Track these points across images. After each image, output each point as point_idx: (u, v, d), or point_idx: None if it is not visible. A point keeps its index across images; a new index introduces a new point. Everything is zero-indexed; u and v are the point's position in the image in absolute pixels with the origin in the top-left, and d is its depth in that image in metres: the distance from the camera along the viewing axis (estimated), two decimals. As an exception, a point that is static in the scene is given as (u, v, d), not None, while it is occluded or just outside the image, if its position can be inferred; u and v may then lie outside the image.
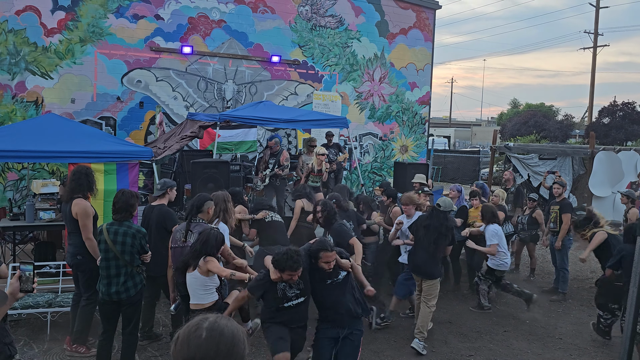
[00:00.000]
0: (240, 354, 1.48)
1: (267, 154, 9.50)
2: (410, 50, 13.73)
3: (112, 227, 4.62)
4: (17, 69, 9.93)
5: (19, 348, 5.26)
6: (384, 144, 13.67)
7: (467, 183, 19.15)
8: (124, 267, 4.58)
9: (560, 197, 8.17)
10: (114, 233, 4.58)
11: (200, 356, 1.44)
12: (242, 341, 1.51)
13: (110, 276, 4.59)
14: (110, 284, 4.59)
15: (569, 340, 6.34)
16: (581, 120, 39.07)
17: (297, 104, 12.40)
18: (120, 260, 4.57)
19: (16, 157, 7.14)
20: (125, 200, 4.64)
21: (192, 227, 4.63)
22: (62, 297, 6.09)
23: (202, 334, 1.47)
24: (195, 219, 4.70)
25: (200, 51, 11.36)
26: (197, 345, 1.45)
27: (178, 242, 4.64)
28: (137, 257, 4.64)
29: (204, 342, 1.45)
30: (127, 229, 4.60)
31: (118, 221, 4.64)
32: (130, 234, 4.58)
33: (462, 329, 6.58)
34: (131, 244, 4.57)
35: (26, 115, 9.93)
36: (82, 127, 8.05)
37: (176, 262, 4.63)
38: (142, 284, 4.73)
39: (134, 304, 4.68)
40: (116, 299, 4.61)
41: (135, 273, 4.65)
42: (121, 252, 4.56)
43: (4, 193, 9.85)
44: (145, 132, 11.00)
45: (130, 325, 4.74)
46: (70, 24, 10.25)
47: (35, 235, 8.20)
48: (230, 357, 1.46)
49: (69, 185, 5.32)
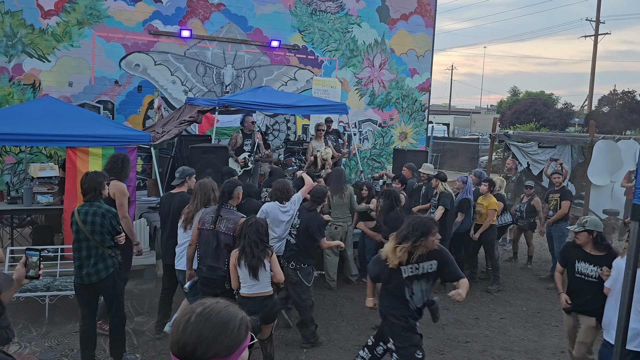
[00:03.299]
0: (226, 343, 1.41)
1: (238, 137, 8.84)
2: (411, 36, 13.62)
3: (82, 208, 4.54)
4: (14, 51, 9.82)
5: (17, 331, 5.28)
6: (383, 130, 13.62)
7: (465, 171, 19.14)
8: (95, 248, 4.51)
9: (560, 185, 8.21)
10: (84, 213, 4.50)
11: (184, 341, 1.41)
12: (234, 330, 1.44)
13: (81, 258, 4.53)
14: (82, 266, 4.53)
15: (565, 328, 6.36)
16: (581, 108, 39.01)
17: (297, 90, 12.32)
18: (90, 242, 4.50)
19: (13, 140, 7.11)
20: (91, 179, 4.57)
21: (223, 213, 4.63)
22: (60, 280, 6.10)
23: (192, 317, 1.44)
24: (226, 205, 4.70)
25: (199, 35, 11.25)
26: (183, 329, 1.42)
27: (207, 225, 4.63)
28: (108, 238, 4.56)
29: (189, 327, 1.42)
30: (96, 208, 4.52)
31: (88, 202, 4.58)
32: (100, 214, 4.49)
33: (459, 315, 6.62)
34: (101, 224, 4.48)
35: (23, 98, 9.85)
36: (80, 111, 8.01)
37: (201, 243, 4.65)
38: (115, 267, 4.62)
39: (108, 287, 4.61)
40: (87, 282, 4.54)
41: (107, 255, 4.57)
42: (91, 232, 4.48)
43: (1, 176, 9.80)
44: (143, 117, 10.92)
45: (113, 307, 4.70)
46: (68, 6, 10.12)
47: (33, 219, 8.19)
48: (213, 344, 1.40)
49: (104, 168, 5.66)
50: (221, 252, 4.56)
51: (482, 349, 5.72)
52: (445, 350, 5.64)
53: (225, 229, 4.57)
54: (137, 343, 5.37)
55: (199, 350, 1.39)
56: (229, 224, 4.57)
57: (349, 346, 5.55)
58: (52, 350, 5.17)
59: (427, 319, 4.34)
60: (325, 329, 5.95)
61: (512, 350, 5.75)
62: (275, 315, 4.69)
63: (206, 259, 4.62)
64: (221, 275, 4.57)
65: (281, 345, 5.48)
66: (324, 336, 5.73)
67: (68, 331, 5.57)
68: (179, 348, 1.41)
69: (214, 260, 4.58)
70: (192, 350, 1.39)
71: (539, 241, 10.12)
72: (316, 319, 5.81)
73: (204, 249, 4.64)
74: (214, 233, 4.58)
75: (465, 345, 5.78)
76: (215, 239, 4.58)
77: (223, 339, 1.41)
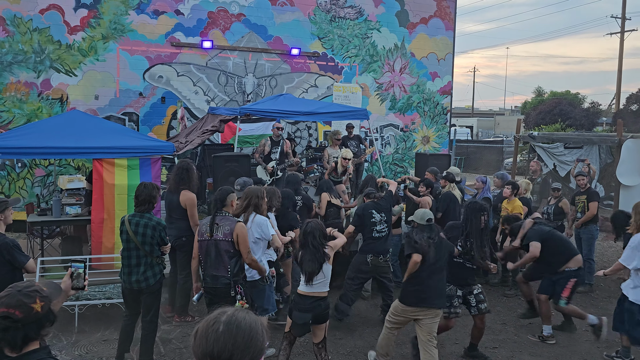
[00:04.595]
0: (258, 347, 1.49)
1: (266, 144, 8.80)
2: (431, 40, 13.56)
3: (133, 219, 4.79)
4: (42, 67, 10.12)
5: (48, 341, 5.39)
6: (405, 135, 13.56)
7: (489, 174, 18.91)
8: (144, 257, 4.77)
9: (586, 187, 8.04)
10: (135, 224, 4.76)
11: (217, 350, 1.45)
12: (260, 334, 1.52)
13: (130, 265, 4.80)
14: (131, 273, 4.80)
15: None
16: (608, 107, 38.14)
17: (317, 96, 12.37)
18: (140, 251, 4.76)
19: (43, 153, 7.33)
20: (147, 193, 4.82)
21: (218, 221, 4.67)
22: (89, 290, 6.21)
23: (220, 327, 1.49)
24: (220, 213, 4.74)
25: (220, 45, 11.41)
26: (214, 339, 1.47)
27: (204, 236, 4.68)
28: (156, 249, 4.82)
29: (221, 336, 1.47)
30: (147, 220, 4.77)
31: (140, 213, 4.81)
32: (151, 226, 4.75)
33: (486, 321, 6.50)
34: (151, 235, 4.74)
35: (52, 113, 10.12)
36: (105, 123, 8.18)
37: (202, 254, 4.70)
38: (162, 274, 4.93)
39: (153, 293, 4.87)
40: (136, 288, 4.82)
41: (155, 263, 4.84)
42: (141, 242, 4.74)
43: (32, 189, 10.08)
44: (167, 127, 11.12)
45: (150, 313, 4.92)
46: (93, 22, 10.39)
47: (62, 229, 8.36)
48: (247, 350, 1.47)
49: (173, 178, 6.05)
50: (222, 260, 4.58)
51: (510, 355, 5.62)
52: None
53: (222, 236, 4.58)
54: (164, 351, 5.44)
55: (236, 357, 1.46)
56: (225, 229, 4.59)
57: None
58: (82, 358, 5.27)
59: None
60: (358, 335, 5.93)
61: (541, 356, 5.63)
62: (327, 317, 4.70)
63: (208, 269, 4.65)
64: (225, 283, 4.58)
65: (305, 352, 5.48)
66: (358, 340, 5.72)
67: (97, 340, 5.67)
68: (213, 358, 1.46)
69: (215, 269, 4.61)
70: (228, 358, 1.45)
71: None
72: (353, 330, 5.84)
73: (205, 260, 4.68)
74: (212, 242, 4.61)
75: (493, 351, 5.69)
76: (214, 248, 4.60)
77: (255, 343, 1.49)
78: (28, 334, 2.05)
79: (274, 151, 8.80)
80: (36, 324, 2.07)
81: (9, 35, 9.83)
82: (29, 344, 2.08)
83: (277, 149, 8.81)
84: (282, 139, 9.01)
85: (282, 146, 8.85)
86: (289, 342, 4.74)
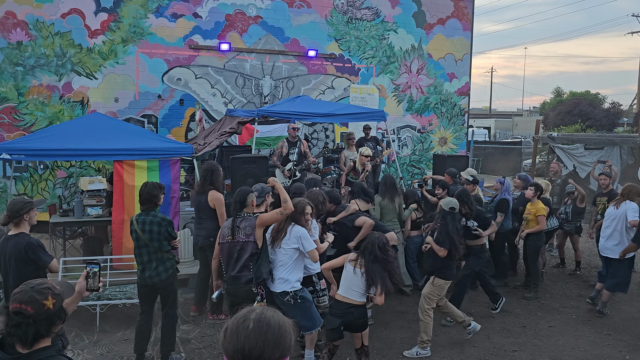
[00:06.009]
0: (287, 344, 1.52)
1: (284, 146, 8.81)
2: (449, 41, 13.48)
3: (140, 217, 4.96)
4: (63, 70, 10.29)
5: (71, 339, 5.49)
6: (422, 136, 13.50)
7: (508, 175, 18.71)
8: (154, 253, 4.93)
9: (607, 188, 7.91)
10: (142, 222, 4.92)
11: (249, 346, 1.48)
12: (289, 332, 1.55)
13: (143, 262, 4.97)
14: (144, 270, 4.97)
15: (618, 337, 6.12)
16: (629, 107, 37.49)
17: (334, 98, 12.38)
18: (150, 247, 4.92)
19: (64, 155, 7.46)
20: (148, 192, 4.96)
21: (239, 223, 4.70)
22: (110, 290, 6.30)
23: (250, 324, 1.51)
24: (240, 214, 4.77)
25: (238, 47, 11.49)
26: (245, 336, 1.49)
27: (226, 238, 4.71)
28: (165, 244, 4.97)
29: (252, 333, 1.49)
30: (152, 218, 4.93)
31: (145, 211, 4.97)
32: (156, 222, 4.91)
33: (506, 324, 6.45)
34: (157, 232, 4.90)
35: (73, 115, 10.29)
36: (125, 125, 8.30)
37: (224, 257, 4.74)
38: (174, 268, 5.06)
39: (167, 287, 5.01)
40: (150, 283, 4.97)
41: (166, 258, 4.98)
42: (149, 239, 4.90)
43: (54, 190, 10.25)
44: (185, 129, 11.22)
45: (167, 305, 5.07)
46: (113, 25, 10.54)
47: (84, 230, 8.49)
48: (277, 347, 1.50)
49: (201, 180, 6.29)
50: (243, 261, 4.61)
51: (531, 359, 5.56)
52: (492, 359, 5.52)
53: (244, 237, 4.61)
54: (183, 351, 5.49)
55: (267, 353, 1.48)
56: (247, 230, 4.62)
57: (392, 355, 5.51)
58: (103, 357, 5.35)
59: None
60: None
61: (562, 359, 5.56)
62: (364, 327, 4.66)
63: (230, 271, 4.69)
64: (245, 281, 4.60)
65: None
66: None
67: (118, 339, 5.75)
68: (244, 354, 1.48)
69: (237, 270, 4.63)
70: (259, 355, 1.48)
71: (588, 246, 9.77)
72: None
73: (226, 262, 4.72)
74: (235, 244, 4.64)
75: (513, 355, 5.63)
76: (237, 250, 4.64)
77: (285, 340, 1.52)
78: (39, 330, 2.08)
79: (292, 152, 8.86)
80: (47, 320, 2.10)
81: (31, 40, 10.02)
82: (40, 340, 2.10)
83: (295, 149, 8.85)
84: (298, 139, 9.04)
85: (299, 147, 8.88)
86: (329, 350, 4.71)
